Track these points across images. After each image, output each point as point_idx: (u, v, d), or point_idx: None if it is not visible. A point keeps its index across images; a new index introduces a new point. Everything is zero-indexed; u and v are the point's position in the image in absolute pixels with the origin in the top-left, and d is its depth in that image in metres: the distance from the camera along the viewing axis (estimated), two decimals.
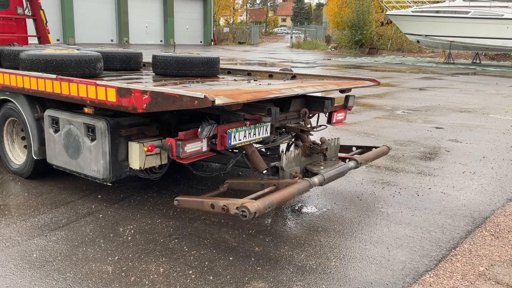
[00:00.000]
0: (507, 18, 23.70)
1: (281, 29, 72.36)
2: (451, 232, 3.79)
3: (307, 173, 3.93)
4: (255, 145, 4.07)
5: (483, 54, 29.04)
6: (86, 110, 3.84)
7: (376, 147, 4.79)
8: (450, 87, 14.76)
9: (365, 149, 4.82)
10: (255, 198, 3.20)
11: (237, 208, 2.98)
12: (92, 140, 3.76)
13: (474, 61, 27.49)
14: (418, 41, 28.51)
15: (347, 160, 4.26)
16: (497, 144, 6.92)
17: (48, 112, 4.16)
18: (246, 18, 71.92)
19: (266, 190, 3.50)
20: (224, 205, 3.10)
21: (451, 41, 25.59)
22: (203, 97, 2.95)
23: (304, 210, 4.22)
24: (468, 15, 24.67)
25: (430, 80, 16.94)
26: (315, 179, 3.66)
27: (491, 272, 3.17)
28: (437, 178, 5.25)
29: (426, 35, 26.66)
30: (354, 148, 4.88)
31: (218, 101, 3.00)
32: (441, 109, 10.23)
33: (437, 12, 25.93)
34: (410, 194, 4.67)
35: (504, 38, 23.89)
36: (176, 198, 3.46)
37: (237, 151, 4.16)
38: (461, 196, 4.65)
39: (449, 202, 4.47)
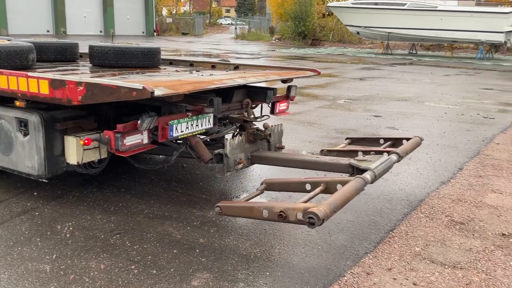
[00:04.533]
0: (441, 10, 24.85)
1: (226, 20, 72.03)
2: (388, 215, 3.95)
3: (354, 169, 3.60)
4: (200, 137, 4.04)
5: (419, 44, 30.30)
6: (17, 103, 3.65)
7: (407, 139, 4.44)
8: (388, 76, 15.33)
9: (394, 140, 4.53)
10: (306, 201, 2.93)
11: (297, 214, 2.66)
12: (25, 135, 3.59)
13: (411, 51, 28.66)
14: (358, 33, 29.30)
15: (385, 153, 3.91)
16: (432, 131, 7.27)
17: None
18: (190, 8, 70.93)
19: (317, 190, 3.20)
20: (281, 211, 2.71)
21: (389, 32, 26.50)
22: (141, 88, 2.89)
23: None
24: (405, 7, 25.63)
25: (369, 70, 17.50)
26: (368, 176, 3.28)
27: (426, 252, 3.34)
28: None
29: (365, 27, 27.45)
30: (381, 140, 4.60)
31: (158, 92, 2.94)
32: (379, 98, 10.61)
33: (376, 4, 26.74)
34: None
35: (438, 29, 25.03)
36: (217, 204, 3.06)
37: (181, 142, 4.11)
38: (398, 181, 4.85)
39: (386, 187, 4.66)
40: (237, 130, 4.73)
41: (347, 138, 4.90)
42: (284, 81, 4.82)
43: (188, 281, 2.83)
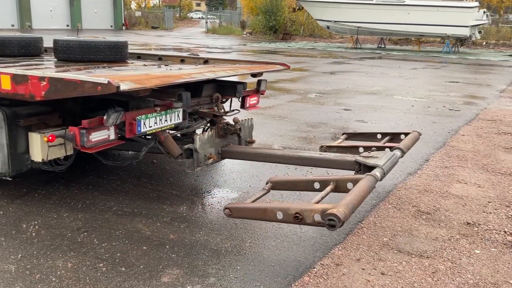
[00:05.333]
0: (408, 4, 25.30)
1: (196, 14, 71.43)
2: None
3: (360, 166, 3.55)
4: (170, 132, 3.99)
5: (387, 39, 30.77)
6: None
7: (405, 134, 4.40)
8: (358, 70, 15.51)
9: (392, 135, 4.50)
10: (318, 201, 2.88)
11: (314, 216, 2.55)
12: None
13: (379, 45, 29.09)
14: (328, 27, 29.53)
15: (387, 149, 3.86)
16: (399, 123, 7.41)
17: None
18: (159, 2, 69.95)
19: (328, 189, 3.13)
20: (297, 213, 2.61)
21: (358, 27, 26.82)
22: (106, 82, 2.83)
23: (221, 194, 4.24)
24: (373, 2, 25.97)
25: (339, 64, 17.67)
26: (378, 173, 3.22)
27: (393, 242, 3.40)
28: None
29: (335, 21, 27.69)
30: (379, 135, 4.54)
31: (124, 87, 2.89)
32: (349, 91, 10.73)
33: None
34: (321, 173, 4.85)
35: (406, 23, 25.49)
36: (226, 206, 2.92)
37: (150, 137, 4.06)
38: None
39: None
40: (208, 124, 4.71)
41: (343, 133, 4.88)
42: (254, 75, 4.81)
43: (158, 277, 2.81)
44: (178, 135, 4.55)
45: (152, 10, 54.49)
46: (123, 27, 43.51)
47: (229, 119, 4.38)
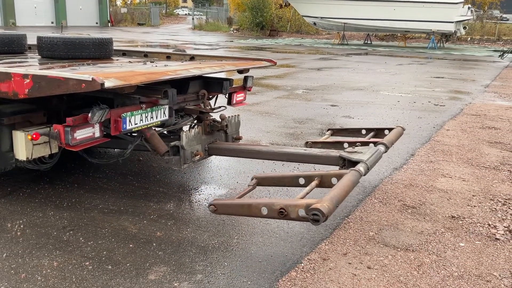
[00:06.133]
0: (394, 0, 25.46)
1: (183, 10, 71.06)
2: (344, 202, 4.03)
3: (345, 161, 3.57)
4: (157, 129, 3.97)
5: (374, 35, 30.95)
6: None
7: (389, 129, 4.46)
8: (344, 66, 15.58)
9: (376, 131, 4.55)
10: (303, 196, 2.89)
11: (298, 211, 2.56)
12: None
13: (366, 41, 29.24)
14: (314, 23, 29.60)
15: (371, 144, 3.91)
16: (385, 119, 7.47)
17: None
18: None
19: (313, 184, 3.15)
20: (281, 209, 2.64)
21: (344, 23, 26.93)
22: (90, 79, 2.81)
23: (208, 191, 4.23)
24: None
25: (326, 60, 17.73)
26: (361, 169, 3.23)
27: (379, 236, 3.43)
28: None
29: (321, 17, 27.76)
30: (363, 131, 4.59)
31: (108, 84, 2.87)
32: (336, 87, 10.78)
33: None
34: (308, 169, 4.88)
35: (392, 19, 25.67)
36: (211, 202, 2.95)
37: (136, 135, 4.04)
38: None
39: None
40: (194, 121, 4.69)
41: (329, 129, 4.91)
42: (240, 71, 4.81)
43: (145, 275, 2.80)
44: (165, 132, 4.53)
45: (138, 7, 54.10)
46: (109, 23, 43.13)
47: (215, 116, 4.37)
